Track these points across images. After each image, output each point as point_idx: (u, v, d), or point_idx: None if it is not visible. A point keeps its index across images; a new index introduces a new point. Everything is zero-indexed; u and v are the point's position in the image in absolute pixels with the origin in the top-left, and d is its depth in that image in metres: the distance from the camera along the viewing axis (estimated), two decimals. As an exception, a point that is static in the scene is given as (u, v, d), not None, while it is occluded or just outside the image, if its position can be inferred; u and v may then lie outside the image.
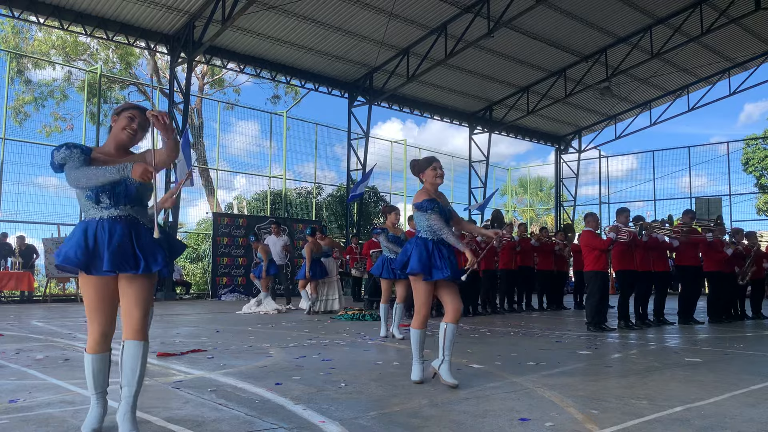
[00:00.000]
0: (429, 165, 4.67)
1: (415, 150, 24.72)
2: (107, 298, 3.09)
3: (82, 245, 2.96)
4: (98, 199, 3.02)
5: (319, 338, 7.43)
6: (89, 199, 3.03)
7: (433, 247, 4.53)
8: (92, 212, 3.05)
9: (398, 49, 18.46)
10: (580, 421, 3.39)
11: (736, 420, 3.43)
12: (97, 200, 3.02)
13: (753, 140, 28.79)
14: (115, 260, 2.95)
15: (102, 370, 3.12)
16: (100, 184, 2.98)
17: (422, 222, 4.63)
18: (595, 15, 17.89)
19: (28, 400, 3.82)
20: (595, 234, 8.84)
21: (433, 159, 4.71)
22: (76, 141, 3.88)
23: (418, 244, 4.56)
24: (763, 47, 20.85)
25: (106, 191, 3.01)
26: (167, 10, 15.03)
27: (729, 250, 9.90)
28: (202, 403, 3.80)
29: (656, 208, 24.99)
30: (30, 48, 22.34)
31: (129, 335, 3.00)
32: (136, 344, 2.99)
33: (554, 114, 24.42)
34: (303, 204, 21.65)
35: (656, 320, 9.54)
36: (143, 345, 3.01)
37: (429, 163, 4.68)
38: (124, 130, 3.12)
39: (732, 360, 5.79)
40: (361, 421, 3.38)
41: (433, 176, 4.63)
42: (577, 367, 5.37)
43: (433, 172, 4.64)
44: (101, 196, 3.02)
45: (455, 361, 5.48)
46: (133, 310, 3.02)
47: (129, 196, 3.07)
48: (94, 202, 3.03)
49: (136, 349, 2.98)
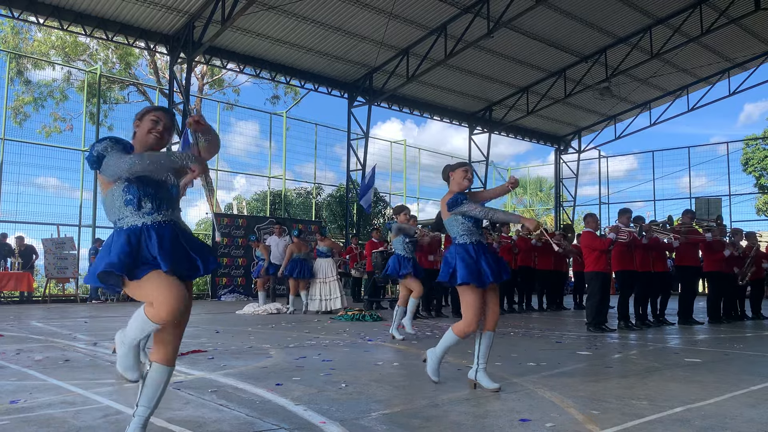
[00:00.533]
0: (461, 166, 4.57)
1: (415, 150, 24.74)
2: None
3: (126, 250, 2.72)
4: (140, 205, 2.80)
5: (320, 339, 7.43)
6: (129, 204, 2.80)
7: (475, 250, 4.36)
8: (131, 219, 2.80)
9: (398, 49, 18.46)
10: (580, 422, 3.39)
11: (736, 420, 3.43)
12: (139, 205, 2.80)
13: (753, 140, 28.82)
14: (171, 261, 2.74)
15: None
16: (160, 170, 2.80)
17: (456, 227, 4.44)
18: (595, 15, 17.89)
19: (29, 401, 3.82)
20: (595, 235, 8.84)
21: (466, 163, 4.63)
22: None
23: (459, 252, 4.36)
24: (763, 47, 20.85)
25: (149, 195, 2.82)
26: (167, 11, 15.03)
27: (727, 251, 9.91)
28: (203, 403, 3.80)
29: (656, 208, 25.01)
30: (29, 48, 22.34)
31: (160, 358, 2.85)
32: (166, 370, 2.86)
33: (554, 114, 24.43)
34: (303, 204, 21.65)
35: (656, 321, 9.55)
36: (170, 371, 2.89)
37: (461, 165, 4.60)
38: (150, 133, 2.94)
39: (732, 360, 5.79)
40: (362, 422, 3.38)
41: (462, 177, 4.49)
42: (578, 367, 5.38)
43: (463, 173, 4.51)
44: (144, 201, 2.80)
45: (455, 361, 5.49)
46: (176, 332, 2.87)
47: (171, 200, 2.91)
48: (136, 207, 2.80)
49: (164, 375, 2.85)
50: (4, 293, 14.25)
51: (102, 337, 7.30)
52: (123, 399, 3.94)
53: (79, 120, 18.62)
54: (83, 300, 15.28)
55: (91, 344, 6.64)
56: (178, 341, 2.91)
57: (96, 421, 3.36)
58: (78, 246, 15.28)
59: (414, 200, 24.30)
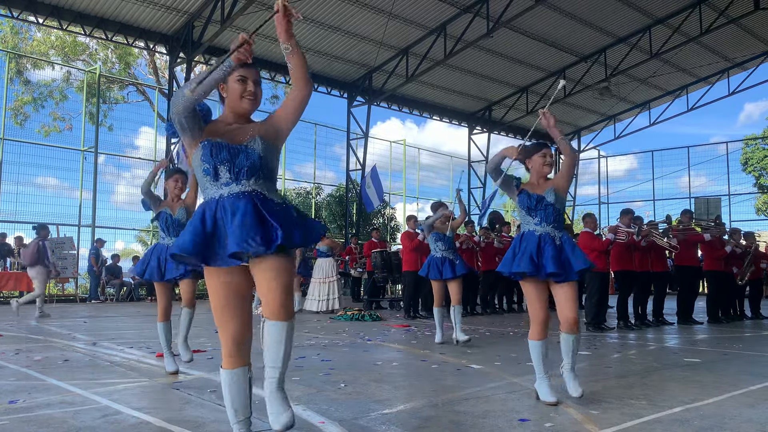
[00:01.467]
0: (538, 151, 4.11)
1: (415, 150, 24.73)
2: (237, 295, 2.61)
3: (199, 230, 2.50)
4: (216, 174, 2.57)
5: (319, 338, 7.43)
6: (206, 174, 2.59)
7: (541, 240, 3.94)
8: (211, 191, 2.60)
9: (397, 49, 18.46)
10: (579, 422, 3.39)
11: (735, 420, 3.43)
12: (215, 175, 2.58)
13: (752, 140, 28.83)
14: (240, 238, 2.43)
15: (241, 391, 2.63)
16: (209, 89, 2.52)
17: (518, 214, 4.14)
18: (594, 15, 17.90)
19: (28, 400, 3.82)
20: (594, 235, 8.85)
21: (544, 145, 4.15)
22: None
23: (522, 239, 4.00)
24: (762, 47, 20.87)
25: (224, 163, 2.56)
26: (166, 10, 15.03)
27: (728, 247, 9.92)
28: (202, 403, 3.80)
29: (655, 208, 25.01)
30: (29, 48, 22.32)
31: (269, 314, 2.51)
32: (279, 325, 2.51)
33: (554, 114, 24.38)
34: (302, 204, 21.63)
35: (655, 320, 9.56)
36: (286, 325, 2.52)
37: (539, 149, 4.12)
38: (243, 98, 2.66)
39: (731, 360, 5.79)
40: (361, 422, 3.38)
41: (541, 164, 4.09)
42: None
43: (542, 159, 4.09)
44: (220, 170, 2.57)
45: (455, 361, 5.49)
46: (272, 285, 2.50)
47: (253, 168, 2.59)
48: (213, 177, 2.58)
49: (278, 331, 2.51)
50: (4, 293, 14.25)
51: (101, 337, 7.30)
52: (122, 399, 3.94)
53: (78, 120, 18.64)
54: (83, 300, 15.29)
55: (90, 344, 6.64)
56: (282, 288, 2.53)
57: (95, 422, 3.36)
58: (78, 246, 15.28)
59: (413, 200, 24.31)
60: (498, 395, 4.09)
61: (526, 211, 4.04)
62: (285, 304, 2.51)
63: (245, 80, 2.66)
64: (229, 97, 2.69)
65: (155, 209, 4.85)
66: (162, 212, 4.79)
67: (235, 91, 2.66)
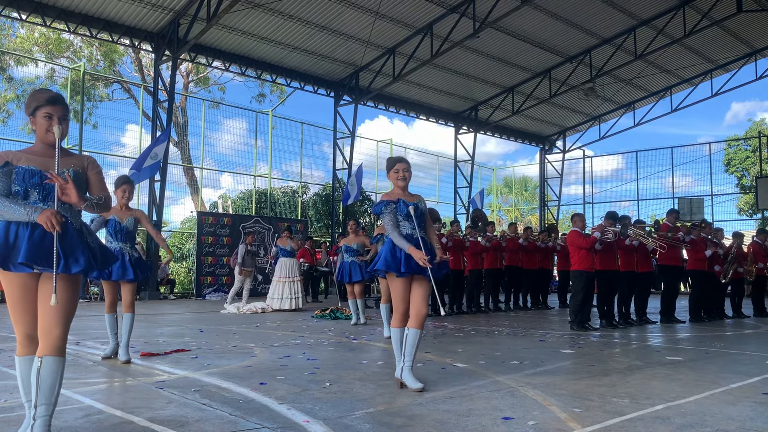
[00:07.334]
0: (392, 167, 4.54)
1: (401, 149, 24.73)
2: (29, 297, 2.87)
3: (1, 240, 2.78)
4: (27, 195, 2.88)
5: (304, 338, 7.42)
6: (17, 194, 2.87)
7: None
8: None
9: (384, 48, 18.47)
10: (562, 420, 3.42)
11: (715, 418, 3.47)
12: (26, 195, 2.88)
13: (735, 141, 29.13)
14: (31, 254, 2.73)
15: (29, 375, 2.88)
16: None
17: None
18: (580, 16, 18.01)
19: (10, 401, 3.79)
20: (582, 233, 8.91)
21: (398, 160, 4.55)
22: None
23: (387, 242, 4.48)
24: (745, 49, 21.11)
25: (35, 187, 2.88)
26: (152, 8, 14.92)
27: (708, 252, 10.02)
28: (186, 403, 3.79)
29: (640, 207, 25.25)
30: (12, 45, 22.08)
31: (47, 350, 2.77)
32: (56, 360, 2.77)
33: (539, 114, 24.57)
34: (288, 203, 21.58)
35: (639, 319, 9.64)
36: (62, 361, 2.80)
37: (392, 165, 4.54)
38: (49, 132, 2.93)
39: (712, 359, 5.86)
40: (346, 421, 3.38)
41: (396, 178, 4.50)
42: (560, 366, 5.42)
43: (395, 174, 4.50)
44: (30, 192, 2.88)
45: (439, 360, 5.51)
46: (51, 320, 2.79)
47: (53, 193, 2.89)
48: (23, 197, 2.87)
49: (56, 366, 2.77)
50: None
51: (85, 336, 7.25)
52: (105, 399, 3.91)
53: (62, 117, 18.38)
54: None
55: (73, 344, 6.58)
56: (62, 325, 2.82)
57: (77, 421, 3.34)
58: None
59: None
60: (482, 394, 4.10)
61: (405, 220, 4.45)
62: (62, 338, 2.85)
63: (51, 117, 2.94)
64: (38, 129, 2.97)
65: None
66: (111, 219, 5.35)
67: (43, 126, 2.95)
